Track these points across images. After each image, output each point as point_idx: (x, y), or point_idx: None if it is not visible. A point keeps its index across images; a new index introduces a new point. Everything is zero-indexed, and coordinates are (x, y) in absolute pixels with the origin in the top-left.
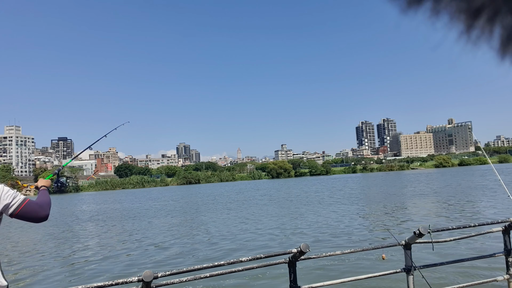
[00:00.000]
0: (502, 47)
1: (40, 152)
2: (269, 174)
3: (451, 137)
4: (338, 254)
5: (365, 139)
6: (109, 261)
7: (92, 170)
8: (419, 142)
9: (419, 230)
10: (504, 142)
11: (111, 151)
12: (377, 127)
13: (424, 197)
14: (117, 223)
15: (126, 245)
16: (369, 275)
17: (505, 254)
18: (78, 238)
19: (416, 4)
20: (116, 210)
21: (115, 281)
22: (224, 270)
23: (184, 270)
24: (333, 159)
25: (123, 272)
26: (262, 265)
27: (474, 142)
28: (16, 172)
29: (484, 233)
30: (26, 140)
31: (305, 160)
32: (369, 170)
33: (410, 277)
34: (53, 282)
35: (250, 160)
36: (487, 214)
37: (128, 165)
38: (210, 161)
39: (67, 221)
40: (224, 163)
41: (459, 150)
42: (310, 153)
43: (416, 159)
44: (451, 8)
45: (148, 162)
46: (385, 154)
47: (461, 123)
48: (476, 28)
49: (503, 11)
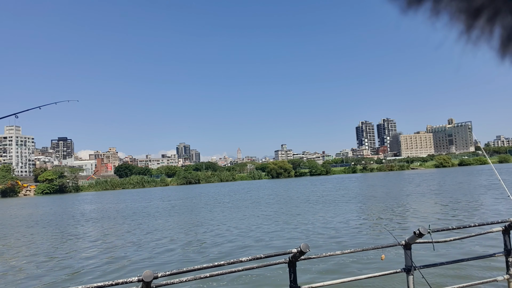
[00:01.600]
0: (502, 47)
1: (40, 152)
2: (269, 174)
3: (451, 137)
4: (338, 254)
5: (365, 139)
6: (109, 261)
7: (92, 170)
8: (419, 142)
9: (419, 230)
10: (504, 142)
11: (111, 151)
12: (377, 127)
13: (424, 197)
14: (117, 223)
15: (126, 245)
16: (369, 275)
17: (505, 254)
18: (78, 238)
19: (416, 4)
20: (116, 210)
21: (115, 281)
22: (224, 270)
23: (184, 270)
24: (333, 159)
25: (123, 272)
26: (262, 265)
27: (474, 142)
28: (16, 172)
29: (484, 233)
30: (26, 140)
31: (305, 160)
32: (369, 170)
33: (410, 277)
34: (53, 282)
35: (250, 160)
36: (487, 214)
37: (128, 165)
38: (210, 161)
39: (67, 221)
40: (224, 163)
41: (459, 150)
42: (310, 153)
43: (416, 159)
44: (451, 8)
45: (148, 162)
46: (385, 154)
47: (461, 123)
48: (476, 28)
49: (503, 11)
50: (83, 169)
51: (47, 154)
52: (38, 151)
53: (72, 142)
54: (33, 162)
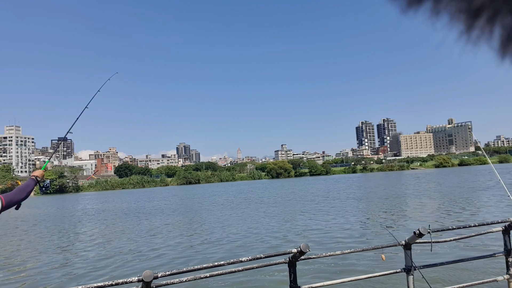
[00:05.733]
0: (502, 47)
1: (40, 152)
2: (269, 174)
3: (451, 137)
4: (338, 254)
5: (365, 139)
6: (109, 261)
7: (92, 170)
8: (419, 142)
9: (419, 230)
10: (504, 142)
11: (111, 151)
12: (377, 127)
13: (424, 197)
14: (117, 223)
15: (126, 245)
16: (369, 275)
17: (505, 254)
18: (78, 238)
19: (416, 4)
20: (116, 210)
21: (115, 281)
22: (224, 270)
23: (184, 270)
24: (333, 159)
25: (123, 272)
26: (262, 265)
27: (474, 142)
28: (16, 172)
29: (484, 233)
30: (26, 140)
31: (305, 160)
32: (369, 170)
33: (410, 277)
34: (53, 282)
35: (250, 160)
36: (487, 214)
37: (128, 165)
38: (210, 161)
39: (67, 221)
40: (224, 163)
41: (459, 150)
42: (310, 153)
43: (416, 159)
44: (451, 8)
45: (148, 162)
46: (385, 154)
47: (461, 123)
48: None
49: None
50: (83, 169)
51: (47, 154)
52: (38, 151)
53: (72, 142)
54: (33, 162)
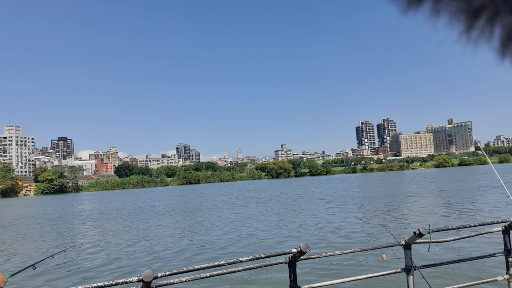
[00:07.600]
0: (502, 47)
1: (40, 152)
2: (269, 174)
3: (451, 137)
4: (338, 254)
5: (365, 139)
6: (109, 261)
7: (92, 170)
8: (419, 142)
9: (419, 230)
10: (504, 142)
11: (111, 151)
12: (377, 127)
13: (424, 197)
14: (117, 223)
15: (126, 245)
16: (369, 275)
17: (505, 254)
18: (78, 238)
19: (416, 4)
20: (116, 210)
21: (115, 281)
22: (224, 270)
23: (184, 270)
24: (333, 159)
25: (123, 272)
26: (262, 265)
27: (474, 142)
28: (16, 172)
29: (484, 233)
30: (26, 140)
31: (305, 160)
32: (369, 170)
33: (410, 277)
34: (53, 282)
35: (250, 160)
36: (487, 214)
37: (128, 165)
38: (210, 161)
39: (67, 221)
40: (224, 163)
41: (459, 150)
42: (310, 153)
43: (416, 159)
44: (451, 8)
45: (148, 162)
46: (385, 154)
47: (461, 123)
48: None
49: (503, 11)
50: (83, 169)
51: (47, 154)
52: (38, 151)
53: (72, 142)
54: (33, 162)
